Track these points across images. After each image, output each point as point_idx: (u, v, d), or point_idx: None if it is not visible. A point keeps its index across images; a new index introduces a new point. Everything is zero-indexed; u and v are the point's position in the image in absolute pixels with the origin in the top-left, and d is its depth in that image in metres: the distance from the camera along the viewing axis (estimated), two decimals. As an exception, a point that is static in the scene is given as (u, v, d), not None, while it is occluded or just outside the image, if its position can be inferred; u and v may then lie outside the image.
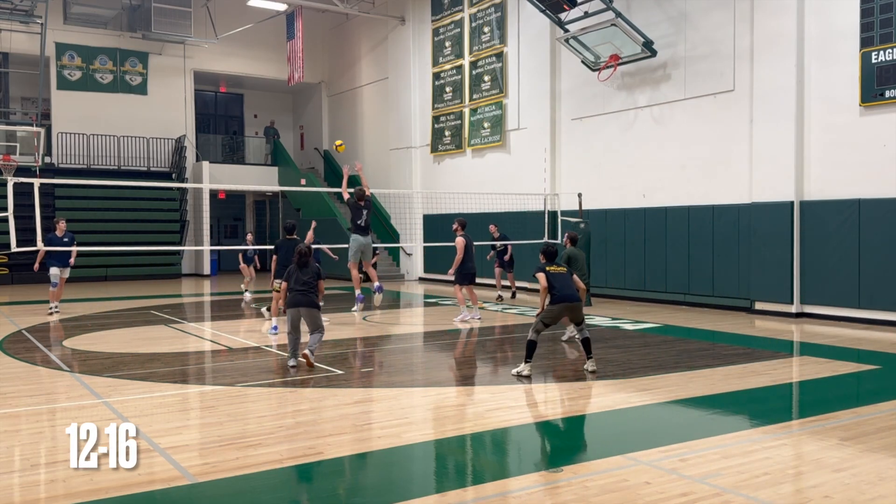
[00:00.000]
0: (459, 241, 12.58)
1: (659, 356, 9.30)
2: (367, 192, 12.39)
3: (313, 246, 12.53)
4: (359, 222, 12.27)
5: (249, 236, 16.82)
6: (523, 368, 8.04)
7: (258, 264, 15.91)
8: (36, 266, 13.53)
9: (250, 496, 4.61)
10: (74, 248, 13.71)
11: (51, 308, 13.58)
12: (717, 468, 4.93)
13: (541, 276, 8.21)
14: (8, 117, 23.93)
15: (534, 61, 18.60)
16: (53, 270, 13.55)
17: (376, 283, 12.46)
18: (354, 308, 12.91)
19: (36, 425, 6.30)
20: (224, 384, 7.82)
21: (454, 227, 13.04)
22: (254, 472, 4.95)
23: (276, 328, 10.99)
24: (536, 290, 11.06)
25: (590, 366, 8.23)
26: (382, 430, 6.04)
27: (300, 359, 8.40)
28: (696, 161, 14.85)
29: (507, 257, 16.14)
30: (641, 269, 15.81)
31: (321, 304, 8.77)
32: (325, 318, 10.42)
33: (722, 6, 14.27)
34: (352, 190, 12.45)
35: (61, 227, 13.71)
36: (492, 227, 16.07)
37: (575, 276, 8.57)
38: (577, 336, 8.59)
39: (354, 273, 12.49)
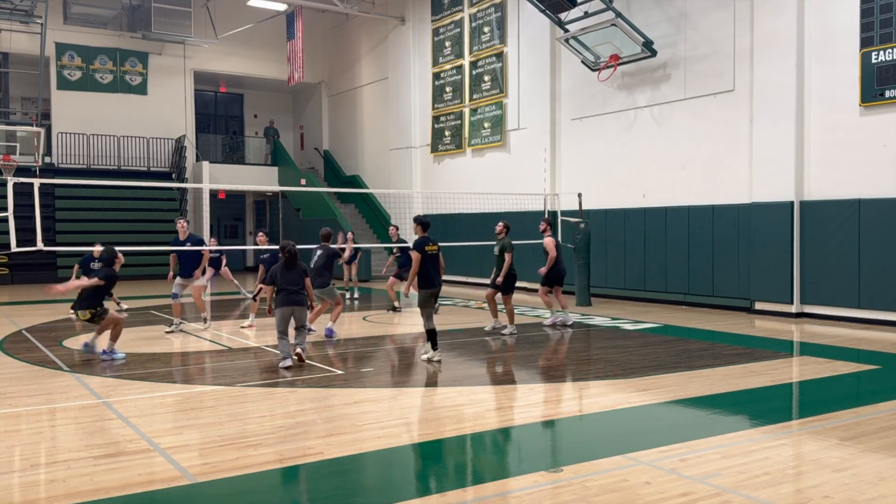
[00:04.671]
0: (551, 242, 11.88)
1: (659, 356, 9.29)
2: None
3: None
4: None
5: (350, 235, 15.20)
6: (433, 354, 8.80)
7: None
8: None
9: (250, 496, 4.62)
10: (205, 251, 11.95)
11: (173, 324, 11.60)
12: (717, 468, 4.93)
13: (416, 257, 8.75)
14: (8, 117, 23.95)
15: (534, 61, 18.60)
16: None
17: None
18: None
19: (36, 425, 6.30)
20: (224, 384, 7.82)
21: (542, 227, 12.19)
22: (254, 472, 4.95)
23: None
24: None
25: (433, 355, 8.91)
26: (382, 430, 6.04)
27: (294, 357, 8.60)
28: (696, 161, 14.85)
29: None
30: (641, 269, 15.82)
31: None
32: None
33: (722, 6, 14.28)
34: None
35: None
36: (392, 230, 15.07)
37: (440, 255, 9.16)
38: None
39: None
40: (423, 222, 9.09)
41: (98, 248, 13.37)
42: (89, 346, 9.35)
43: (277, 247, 12.06)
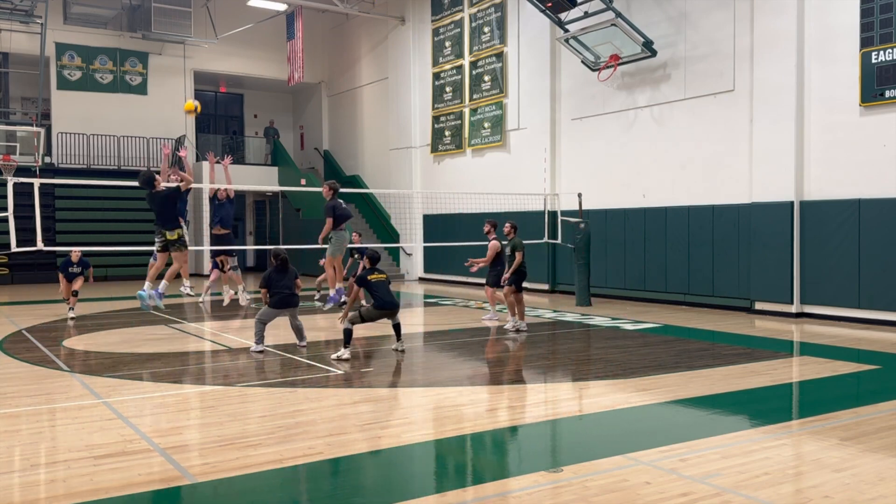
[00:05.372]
0: (495, 245, 12.07)
1: (659, 356, 9.30)
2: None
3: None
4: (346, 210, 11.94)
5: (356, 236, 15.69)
6: (343, 353, 9.03)
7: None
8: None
9: (250, 496, 4.62)
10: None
11: None
12: (717, 468, 4.93)
13: (357, 290, 9.49)
14: (8, 117, 23.94)
15: (534, 61, 18.60)
16: None
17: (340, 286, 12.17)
18: (327, 306, 12.74)
19: (36, 425, 6.30)
20: (224, 384, 7.82)
21: (486, 228, 12.40)
22: (254, 472, 4.96)
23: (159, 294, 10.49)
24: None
25: (399, 346, 9.56)
26: (382, 430, 6.04)
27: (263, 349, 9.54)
28: (696, 161, 14.85)
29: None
30: (641, 269, 15.82)
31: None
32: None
33: (722, 6, 14.28)
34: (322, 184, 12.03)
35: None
36: (355, 236, 15.68)
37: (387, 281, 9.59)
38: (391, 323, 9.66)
39: (330, 272, 12.07)
40: (371, 256, 9.64)
41: (77, 252, 13.48)
42: (160, 294, 10.19)
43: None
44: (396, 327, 9.56)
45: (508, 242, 11.74)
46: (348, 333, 9.10)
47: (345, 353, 9.04)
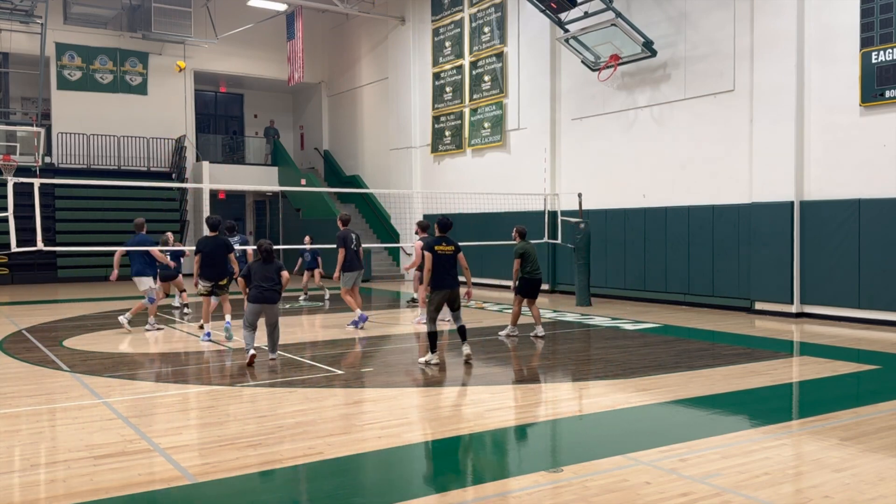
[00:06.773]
0: (420, 245, 12.25)
1: (659, 356, 9.30)
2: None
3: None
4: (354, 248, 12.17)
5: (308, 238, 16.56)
6: (431, 357, 8.67)
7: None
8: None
9: (250, 496, 4.62)
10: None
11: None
12: (717, 468, 4.93)
13: (428, 257, 8.62)
14: (8, 117, 23.94)
15: (534, 61, 18.60)
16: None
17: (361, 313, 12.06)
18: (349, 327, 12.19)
19: (36, 425, 6.30)
20: (224, 384, 7.82)
21: (415, 229, 12.42)
22: (254, 472, 4.96)
23: (208, 334, 10.61)
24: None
25: (466, 348, 8.87)
26: (382, 430, 6.04)
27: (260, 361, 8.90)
28: (696, 161, 14.85)
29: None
30: (641, 269, 15.81)
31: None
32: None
33: (722, 6, 14.28)
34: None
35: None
36: (307, 238, 16.61)
37: (461, 256, 8.97)
38: (453, 322, 9.05)
39: (349, 300, 12.05)
40: (441, 222, 8.98)
41: (170, 236, 14.42)
42: (228, 331, 10.61)
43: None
44: (461, 330, 8.93)
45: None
46: (433, 336, 8.65)
47: (432, 357, 8.66)
